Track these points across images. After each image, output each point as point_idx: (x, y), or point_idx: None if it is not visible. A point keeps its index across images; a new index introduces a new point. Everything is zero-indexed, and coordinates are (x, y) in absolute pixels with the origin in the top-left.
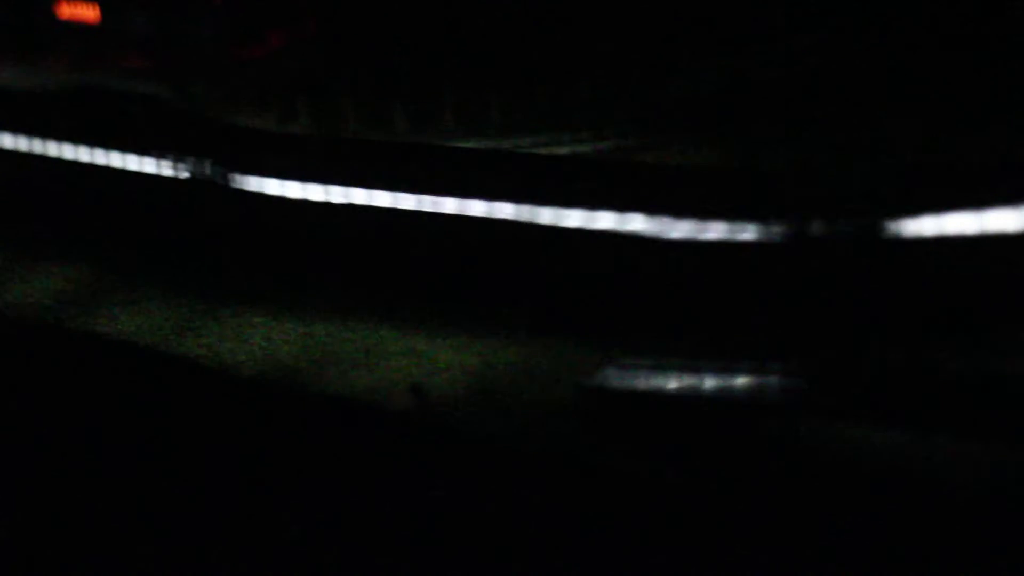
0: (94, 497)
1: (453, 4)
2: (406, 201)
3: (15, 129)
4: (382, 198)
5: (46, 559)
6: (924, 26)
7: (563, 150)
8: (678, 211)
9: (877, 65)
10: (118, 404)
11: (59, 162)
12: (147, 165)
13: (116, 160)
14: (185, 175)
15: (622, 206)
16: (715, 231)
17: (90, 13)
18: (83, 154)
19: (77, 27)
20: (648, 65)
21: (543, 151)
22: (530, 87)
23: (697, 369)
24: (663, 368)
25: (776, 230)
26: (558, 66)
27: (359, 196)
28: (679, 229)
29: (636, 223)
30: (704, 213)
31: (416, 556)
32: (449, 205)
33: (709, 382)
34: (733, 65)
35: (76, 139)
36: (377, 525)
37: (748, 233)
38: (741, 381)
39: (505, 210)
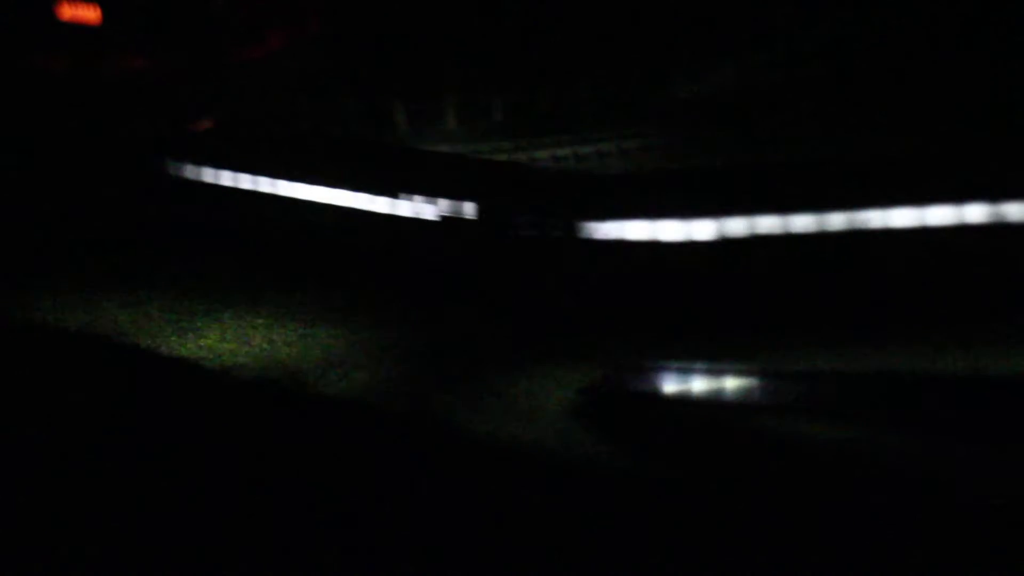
0: (94, 496)
1: (457, 4)
2: None
3: None
4: None
5: (45, 559)
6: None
7: (564, 151)
8: None
9: None
10: None
11: None
12: None
13: None
14: None
15: None
16: None
17: (91, 14)
18: None
19: (77, 28)
20: (649, 67)
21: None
22: (532, 88)
23: (700, 371)
24: (666, 371)
25: None
26: (560, 67)
27: None
28: None
29: None
30: None
31: (416, 557)
32: None
33: (711, 384)
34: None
35: None
36: (377, 525)
37: None
38: (740, 383)
39: None
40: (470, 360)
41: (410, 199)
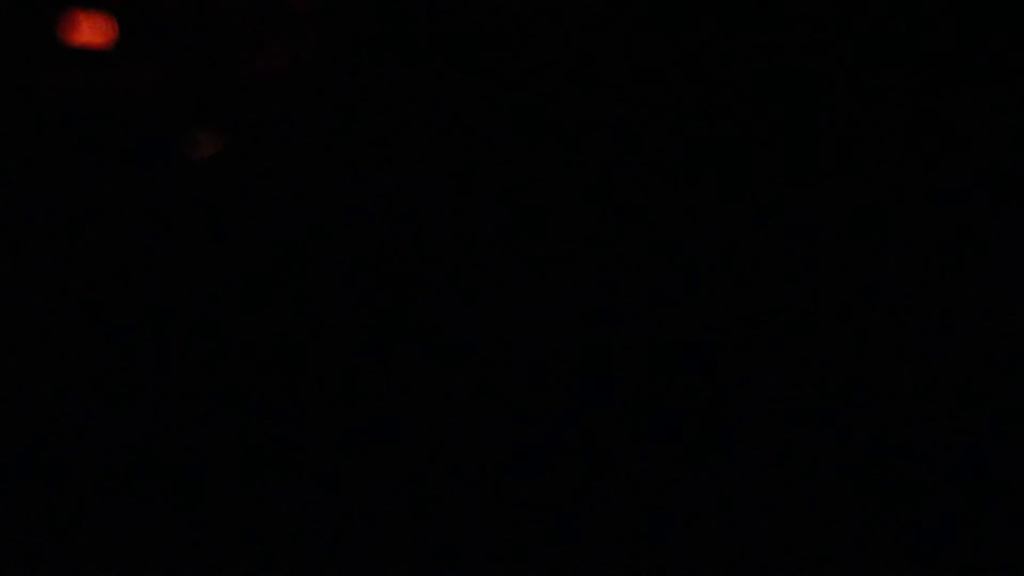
0: (90, 494)
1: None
2: None
3: None
4: None
5: (42, 557)
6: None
7: None
8: None
9: None
10: None
11: None
12: None
13: None
14: None
15: None
16: None
17: (103, 36)
18: None
19: (88, 52)
20: None
21: None
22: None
23: None
24: None
25: None
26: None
27: None
28: None
29: None
30: None
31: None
32: None
33: None
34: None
35: None
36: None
37: None
38: None
39: None
40: None
41: None
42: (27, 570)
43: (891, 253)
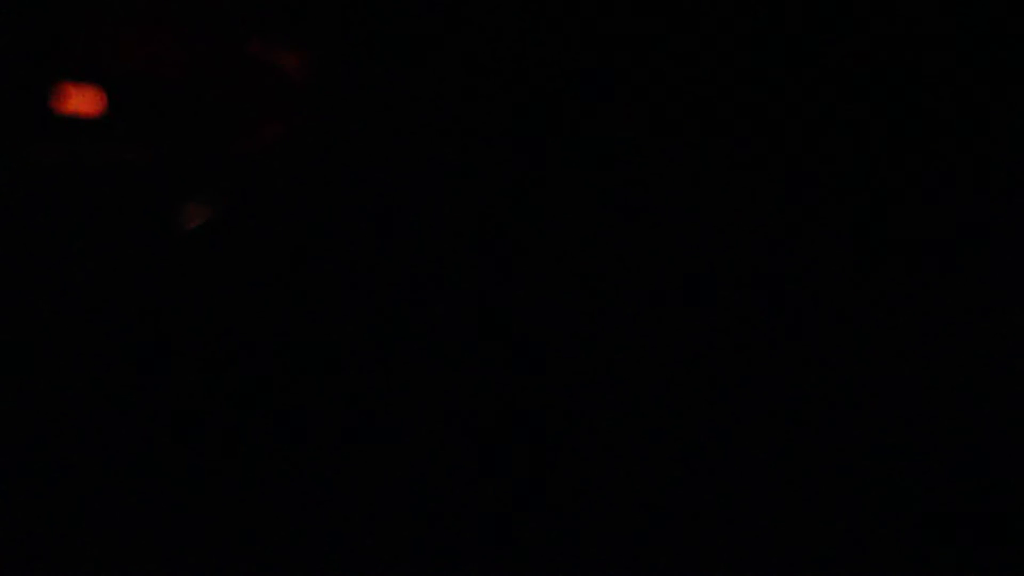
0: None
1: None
2: None
3: None
4: None
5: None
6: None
7: None
8: None
9: None
10: None
11: None
12: None
13: None
14: None
15: None
16: None
17: (93, 106)
18: None
19: (78, 122)
20: None
21: None
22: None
23: None
24: None
25: None
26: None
27: None
28: None
29: None
30: None
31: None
32: None
33: None
34: None
35: None
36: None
37: None
38: None
39: None
40: None
41: None
42: (27, 570)
43: (891, 253)
